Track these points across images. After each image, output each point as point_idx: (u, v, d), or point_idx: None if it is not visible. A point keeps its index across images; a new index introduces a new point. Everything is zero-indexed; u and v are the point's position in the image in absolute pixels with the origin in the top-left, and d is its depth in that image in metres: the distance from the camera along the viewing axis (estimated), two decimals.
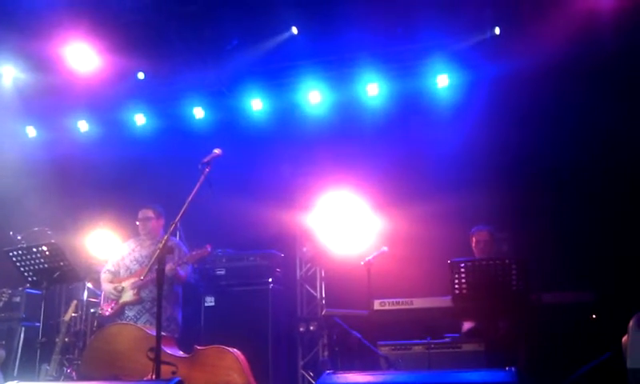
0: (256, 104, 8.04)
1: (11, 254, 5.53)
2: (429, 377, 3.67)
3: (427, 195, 6.95)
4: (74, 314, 6.58)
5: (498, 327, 5.07)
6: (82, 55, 7.26)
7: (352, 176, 7.28)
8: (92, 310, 6.87)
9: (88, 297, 6.98)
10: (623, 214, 6.26)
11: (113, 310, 5.83)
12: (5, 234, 7.05)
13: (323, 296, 7.71)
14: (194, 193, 4.21)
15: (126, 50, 7.24)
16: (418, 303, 5.03)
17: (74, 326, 6.81)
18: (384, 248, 5.61)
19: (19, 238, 6.86)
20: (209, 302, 7.01)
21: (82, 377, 5.54)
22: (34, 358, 5.57)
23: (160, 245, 3.97)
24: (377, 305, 5.07)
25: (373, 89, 7.57)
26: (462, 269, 4.79)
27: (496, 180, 6.92)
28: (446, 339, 5.16)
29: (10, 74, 7.90)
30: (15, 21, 6.75)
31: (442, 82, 7.40)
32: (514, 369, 3.27)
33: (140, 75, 7.79)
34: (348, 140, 7.53)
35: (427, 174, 7.18)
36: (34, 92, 8.01)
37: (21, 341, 6.82)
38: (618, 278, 5.89)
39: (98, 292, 6.78)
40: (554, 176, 6.76)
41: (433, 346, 5.02)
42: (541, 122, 6.82)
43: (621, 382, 4.03)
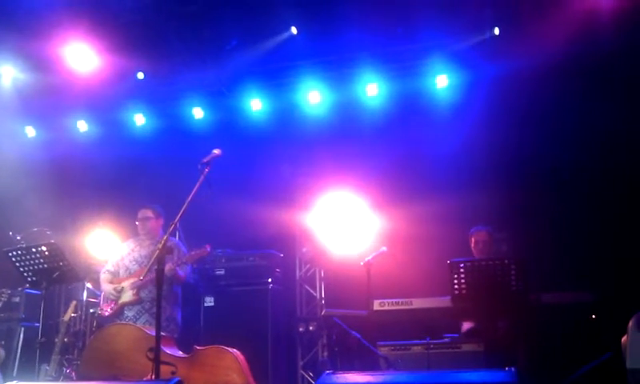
0: (255, 104, 8.05)
1: (10, 255, 5.53)
2: (428, 377, 3.67)
3: (427, 195, 6.95)
4: (73, 314, 6.57)
5: (498, 327, 5.07)
6: (81, 55, 7.26)
7: (351, 176, 7.28)
8: (91, 310, 6.87)
9: (87, 297, 6.99)
10: (622, 214, 6.26)
11: (112, 311, 5.82)
12: (4, 234, 7.05)
13: (323, 296, 7.70)
14: (194, 193, 4.21)
15: (126, 50, 7.23)
16: (418, 303, 5.02)
17: (73, 326, 6.80)
18: (383, 248, 5.60)
19: (18, 238, 6.87)
20: (208, 302, 7.00)
21: (81, 377, 5.53)
22: (34, 358, 5.57)
23: (159, 245, 3.97)
24: (376, 305, 5.06)
25: (372, 89, 7.58)
26: (461, 269, 4.78)
27: (495, 180, 6.92)
28: (446, 339, 5.16)
29: (10, 73, 7.89)
30: (14, 21, 6.74)
31: (442, 82, 7.41)
32: (514, 369, 3.27)
33: (139, 75, 7.79)
34: (347, 140, 7.53)
35: (427, 174, 7.19)
36: (34, 92, 8.00)
37: (20, 341, 6.82)
38: (617, 279, 5.89)
39: (98, 292, 6.79)
40: (553, 176, 6.76)
41: (432, 346, 5.01)
42: (540, 122, 6.82)
43: (620, 382, 4.03)
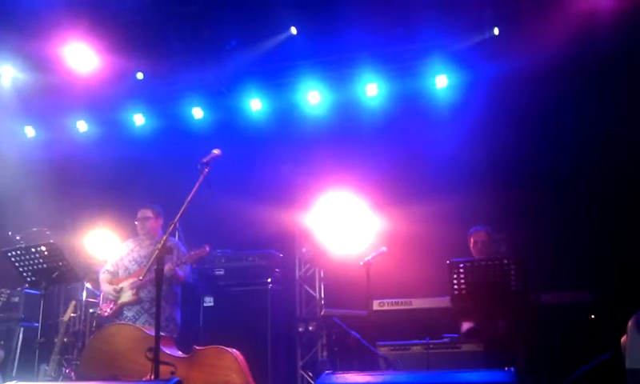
0: (255, 104, 8.04)
1: (10, 255, 5.52)
2: (428, 377, 3.67)
3: (426, 195, 6.95)
4: (72, 315, 6.58)
5: (497, 327, 5.07)
6: (80, 55, 7.26)
7: (351, 176, 7.28)
8: (91, 310, 6.87)
9: (87, 297, 6.99)
10: (622, 214, 6.26)
11: (111, 311, 5.81)
12: (3, 234, 7.05)
13: (322, 296, 7.70)
14: (193, 193, 4.21)
15: (125, 50, 7.23)
16: (417, 303, 5.03)
17: (72, 326, 6.81)
18: (383, 248, 5.59)
19: (18, 238, 6.87)
20: (208, 302, 7.00)
21: (80, 377, 5.53)
22: (33, 358, 5.56)
23: (159, 245, 3.97)
24: (376, 305, 5.07)
25: (372, 89, 7.58)
26: (460, 269, 4.79)
27: (495, 180, 6.92)
28: (445, 339, 5.16)
29: (9, 73, 7.89)
30: (14, 20, 6.74)
31: (441, 82, 7.40)
32: (513, 369, 3.27)
33: (139, 75, 7.79)
34: (347, 140, 7.53)
35: (426, 174, 7.19)
36: (33, 92, 8.00)
37: (19, 341, 6.82)
38: (616, 279, 5.89)
39: (97, 292, 6.78)
40: (552, 176, 6.76)
41: (432, 346, 5.01)
42: (540, 122, 6.82)
43: (620, 382, 4.03)
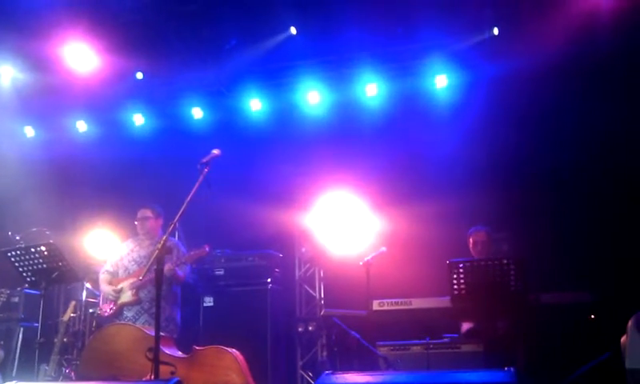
0: (255, 104, 8.04)
1: (10, 255, 5.52)
2: (428, 377, 3.67)
3: (426, 195, 6.95)
4: (72, 315, 6.58)
5: (497, 327, 5.07)
6: (80, 55, 7.26)
7: (351, 176, 7.27)
8: (91, 310, 6.86)
9: (87, 297, 6.98)
10: (622, 214, 6.26)
11: (111, 311, 5.81)
12: (3, 234, 7.04)
13: (322, 296, 7.70)
14: (193, 193, 4.21)
15: (125, 49, 7.23)
16: (417, 303, 5.03)
17: (72, 326, 6.80)
18: (383, 248, 5.59)
19: (18, 238, 6.86)
20: (207, 302, 7.00)
21: (80, 377, 5.53)
22: (33, 358, 5.56)
23: (159, 245, 3.96)
24: (376, 305, 5.07)
25: (372, 89, 7.57)
26: (460, 269, 4.78)
27: (495, 180, 6.92)
28: (445, 339, 5.16)
29: (9, 73, 7.88)
30: (14, 20, 6.74)
31: (441, 82, 7.40)
32: (513, 369, 3.27)
33: (139, 75, 7.79)
34: (347, 140, 7.53)
35: (426, 174, 7.19)
36: (33, 92, 7.99)
37: (19, 341, 6.81)
38: (616, 279, 5.89)
39: (97, 292, 6.78)
40: (552, 176, 6.76)
41: (432, 346, 5.01)
42: (540, 122, 6.82)
43: (619, 382, 4.03)
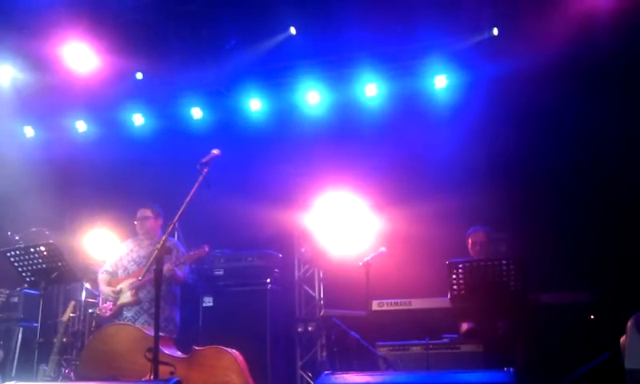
0: (254, 104, 8.03)
1: (9, 255, 5.51)
2: (427, 377, 3.67)
3: (426, 195, 6.95)
4: (72, 315, 6.57)
5: (497, 328, 5.06)
6: (80, 55, 7.25)
7: (350, 176, 7.27)
8: (90, 310, 6.86)
9: (86, 297, 6.98)
10: (621, 214, 6.26)
11: (111, 311, 5.81)
12: (3, 234, 7.05)
13: (321, 296, 7.70)
14: (193, 193, 4.21)
15: (125, 49, 7.23)
16: (417, 304, 5.02)
17: (72, 326, 6.80)
18: (382, 248, 5.58)
19: (17, 238, 6.87)
20: (207, 302, 7.00)
21: (80, 377, 5.54)
22: (32, 358, 5.55)
23: (158, 245, 3.96)
24: (375, 305, 5.06)
25: (371, 89, 7.57)
26: (460, 269, 4.78)
27: (494, 180, 6.92)
28: (445, 340, 5.15)
29: (8, 73, 7.86)
30: (13, 20, 6.73)
31: (441, 82, 7.39)
32: (513, 369, 3.27)
33: (138, 75, 7.78)
34: (346, 140, 7.53)
35: (426, 174, 7.18)
36: (32, 92, 7.98)
37: (19, 341, 6.81)
38: (616, 279, 5.89)
39: (96, 292, 6.78)
40: (552, 176, 6.76)
41: (431, 346, 5.01)
42: (539, 122, 6.81)
43: (619, 382, 4.03)
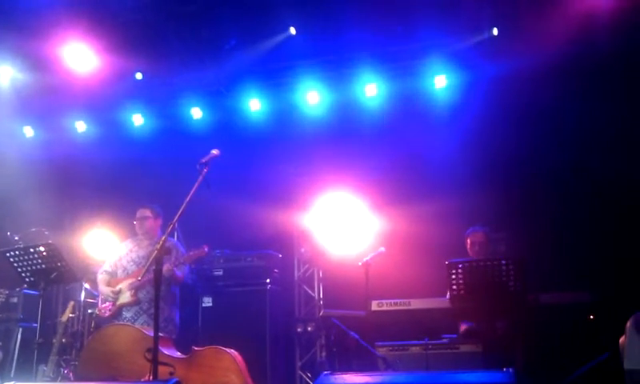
0: (254, 104, 8.03)
1: (8, 255, 5.51)
2: (426, 378, 3.67)
3: (425, 196, 6.95)
4: (71, 315, 6.57)
5: (496, 328, 5.06)
6: (79, 55, 7.25)
7: (350, 176, 7.28)
8: (89, 310, 6.86)
9: (85, 297, 6.97)
10: (621, 214, 6.26)
11: (110, 311, 5.81)
12: (2, 234, 7.04)
13: (321, 297, 7.70)
14: (192, 193, 4.21)
15: (124, 49, 7.23)
16: (416, 304, 5.03)
17: (71, 326, 6.79)
18: (382, 249, 5.58)
19: (16, 238, 6.86)
20: (206, 302, 7.00)
21: (79, 378, 5.53)
22: (32, 358, 5.55)
23: (157, 245, 3.96)
24: (374, 305, 5.07)
25: (371, 89, 7.56)
26: (459, 269, 4.78)
27: (494, 180, 6.92)
28: (444, 340, 5.16)
29: (8, 73, 7.86)
30: (13, 20, 6.73)
31: (440, 82, 7.39)
32: (512, 369, 3.27)
33: (138, 75, 7.78)
34: (346, 140, 7.53)
35: (425, 174, 7.19)
36: (32, 92, 7.98)
37: (18, 341, 6.80)
38: (615, 279, 5.89)
39: (96, 293, 6.77)
40: (552, 176, 6.76)
41: (430, 346, 5.01)
42: (539, 122, 6.81)
43: (618, 382, 4.03)
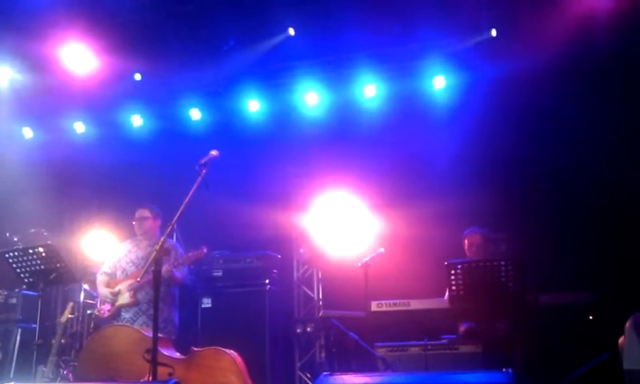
0: (253, 105, 8.02)
1: (7, 256, 5.51)
2: (426, 378, 3.67)
3: (425, 196, 6.95)
4: (70, 316, 6.56)
5: (495, 328, 5.06)
6: (78, 56, 7.25)
7: (349, 177, 7.27)
8: (88, 311, 6.85)
9: (84, 298, 6.97)
10: (620, 215, 6.27)
11: (109, 312, 5.81)
12: (1, 235, 7.04)
13: (320, 297, 7.70)
14: (191, 194, 4.21)
15: (123, 50, 7.22)
16: (415, 304, 5.03)
17: (70, 327, 6.79)
18: (381, 249, 5.58)
19: (15, 239, 6.87)
20: (205, 303, 7.00)
21: (78, 378, 5.52)
22: (31, 359, 5.56)
23: (156, 246, 3.96)
24: (374, 306, 5.07)
25: (370, 90, 7.56)
26: (458, 270, 4.78)
27: (493, 181, 6.92)
28: (443, 340, 5.16)
29: (7, 74, 7.85)
30: (12, 21, 6.73)
31: (439, 83, 7.38)
32: (511, 370, 3.27)
33: (137, 76, 7.78)
34: (345, 141, 7.53)
35: (425, 175, 7.19)
36: (31, 93, 7.97)
37: (17, 342, 6.80)
38: (615, 279, 5.89)
39: (95, 294, 6.77)
40: (551, 177, 6.76)
41: (430, 347, 5.01)
42: (539, 122, 6.82)
43: (618, 382, 4.03)
